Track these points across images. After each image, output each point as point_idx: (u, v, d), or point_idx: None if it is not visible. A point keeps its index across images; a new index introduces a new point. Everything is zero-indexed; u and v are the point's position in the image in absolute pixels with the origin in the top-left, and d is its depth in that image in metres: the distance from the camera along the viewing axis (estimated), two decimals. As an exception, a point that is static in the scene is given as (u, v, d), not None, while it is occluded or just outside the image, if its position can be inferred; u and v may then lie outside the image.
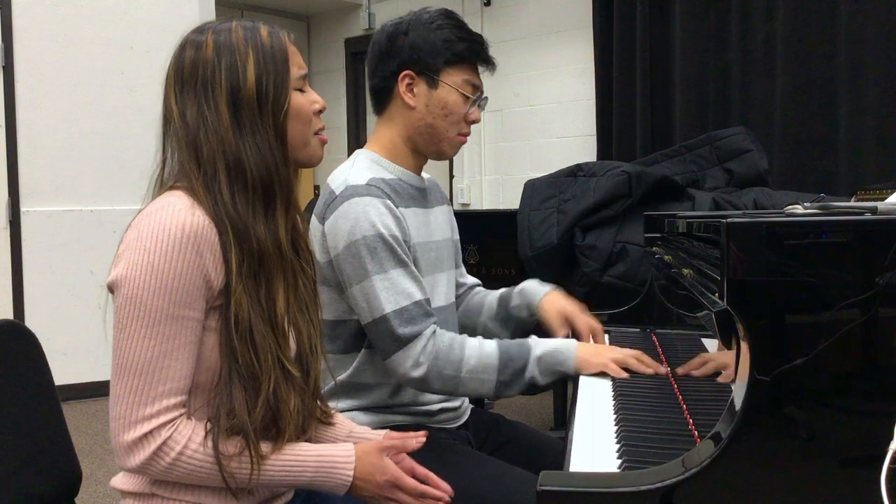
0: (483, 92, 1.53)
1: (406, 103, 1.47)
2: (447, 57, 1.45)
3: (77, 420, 3.70)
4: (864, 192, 2.02)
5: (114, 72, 4.20)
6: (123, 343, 1.00)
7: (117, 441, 1.01)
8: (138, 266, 0.99)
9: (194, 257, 0.99)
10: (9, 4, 3.98)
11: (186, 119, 1.06)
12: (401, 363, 1.34)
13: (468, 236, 3.05)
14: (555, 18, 5.07)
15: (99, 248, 4.14)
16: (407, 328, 1.34)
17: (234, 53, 1.06)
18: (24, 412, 1.23)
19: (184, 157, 1.06)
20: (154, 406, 1.00)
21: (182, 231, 0.99)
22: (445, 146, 1.51)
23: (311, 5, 6.45)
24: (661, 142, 4.32)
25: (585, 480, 0.88)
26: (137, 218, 1.04)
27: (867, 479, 0.77)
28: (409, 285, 1.37)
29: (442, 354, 1.35)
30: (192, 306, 1.00)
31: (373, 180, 1.41)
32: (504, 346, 1.40)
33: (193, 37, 1.09)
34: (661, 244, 1.73)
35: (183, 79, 1.07)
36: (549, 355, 1.40)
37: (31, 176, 4.07)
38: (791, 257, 0.84)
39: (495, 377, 1.37)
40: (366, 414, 1.45)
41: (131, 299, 0.99)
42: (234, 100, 1.05)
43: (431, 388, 1.38)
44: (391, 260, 1.36)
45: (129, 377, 1.00)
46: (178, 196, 1.03)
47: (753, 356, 0.83)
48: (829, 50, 3.76)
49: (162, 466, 1.01)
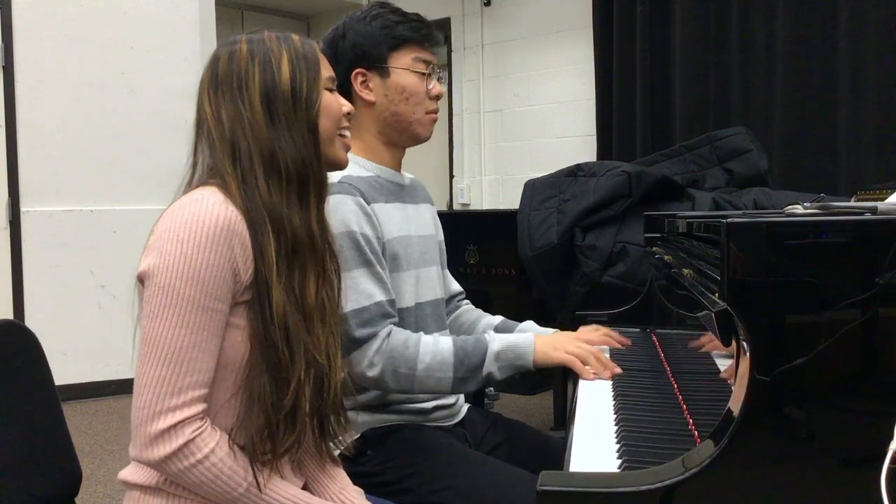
0: (436, 65, 1.54)
1: (366, 100, 1.49)
2: (389, 43, 1.47)
3: (77, 420, 3.70)
4: (864, 192, 2.02)
5: (114, 72, 4.20)
6: (155, 331, 1.00)
7: (141, 431, 1.00)
8: (172, 256, 1.00)
9: (226, 250, 1.01)
10: (9, 4, 3.98)
11: (222, 118, 1.09)
12: (357, 363, 1.35)
13: (468, 236, 3.06)
14: (555, 18, 5.07)
15: (99, 248, 4.15)
16: (364, 329, 1.34)
17: (268, 53, 1.11)
18: (24, 412, 1.23)
19: (218, 155, 1.09)
20: (181, 397, 1.00)
21: (215, 223, 1.01)
22: (417, 128, 1.52)
23: (311, 5, 6.45)
24: (661, 142, 4.32)
25: (585, 480, 0.88)
26: (169, 210, 1.05)
27: (867, 479, 0.77)
28: (370, 286, 1.37)
29: (396, 353, 1.36)
30: (222, 299, 1.02)
31: (346, 178, 1.42)
32: (460, 342, 1.41)
33: (226, 47, 1.14)
34: (661, 244, 1.73)
35: (218, 82, 1.11)
36: (508, 350, 1.40)
37: (31, 176, 4.07)
38: (791, 257, 0.84)
39: (451, 374, 1.38)
40: (361, 413, 1.45)
41: (164, 288, 1.00)
42: (268, 95, 1.09)
43: (388, 388, 1.38)
44: (355, 259, 1.37)
45: (159, 365, 1.00)
46: (210, 191, 1.05)
47: (753, 356, 0.83)
48: (829, 50, 3.76)
49: (182, 467, 1.00)
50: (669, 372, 1.41)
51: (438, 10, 5.37)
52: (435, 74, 1.53)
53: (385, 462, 1.40)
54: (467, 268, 2.97)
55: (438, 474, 1.36)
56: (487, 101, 5.47)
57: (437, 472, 1.37)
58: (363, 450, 1.42)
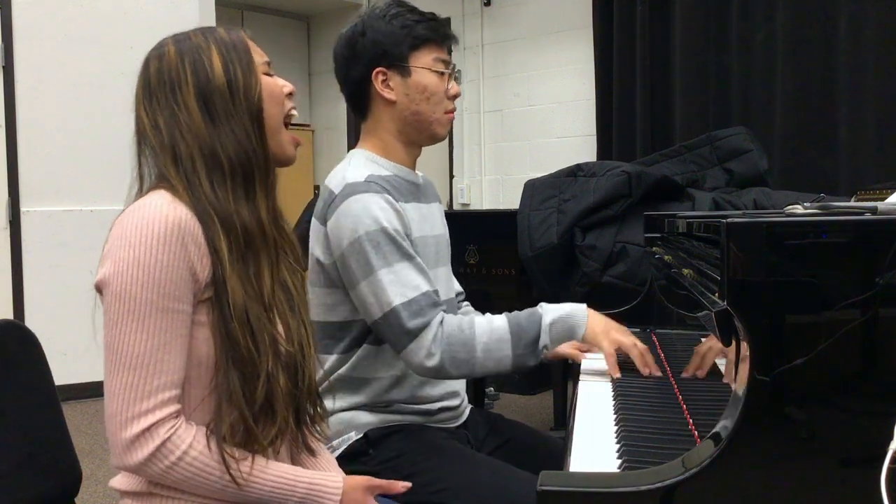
0: (454, 64, 1.54)
1: (387, 99, 1.48)
2: (411, 42, 1.47)
3: (77, 420, 3.70)
4: (864, 192, 2.02)
5: (114, 72, 4.19)
6: (116, 339, 1.00)
7: (116, 439, 1.01)
8: (124, 262, 1.00)
9: (179, 249, 1.01)
10: (9, 4, 3.98)
11: (158, 125, 1.08)
12: (415, 354, 1.34)
13: (468, 236, 3.06)
14: (555, 18, 5.07)
15: (99, 248, 4.09)
16: (416, 320, 1.33)
17: (197, 51, 1.09)
18: (24, 412, 1.23)
19: (160, 162, 1.08)
20: (151, 400, 1.00)
21: (165, 224, 1.00)
22: (436, 127, 1.52)
23: (311, 5, 6.45)
24: (661, 142, 4.32)
25: (585, 480, 0.88)
26: (120, 217, 1.05)
27: (867, 479, 0.77)
28: (416, 277, 1.37)
29: (453, 339, 1.34)
30: (181, 299, 1.01)
31: (371, 177, 1.42)
32: (514, 318, 1.39)
33: (154, 51, 1.12)
34: (661, 244, 1.72)
35: (151, 90, 1.10)
36: (561, 321, 1.40)
37: (31, 176, 4.07)
38: (791, 257, 0.84)
39: (510, 351, 1.36)
40: (365, 413, 1.45)
41: (120, 295, 1.00)
42: (203, 94, 1.08)
43: (449, 375, 1.37)
44: (396, 253, 1.36)
45: (124, 373, 1.00)
46: (158, 194, 1.05)
47: (753, 356, 0.83)
48: (829, 50, 3.76)
49: (162, 467, 1.01)
50: (669, 372, 1.41)
51: (438, 10, 5.30)
52: (453, 74, 1.53)
53: (386, 462, 1.40)
54: (467, 268, 2.97)
55: (439, 475, 1.36)
56: (487, 101, 5.47)
57: (439, 472, 1.37)
58: (365, 449, 1.42)
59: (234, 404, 1.03)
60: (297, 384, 1.12)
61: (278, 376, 1.07)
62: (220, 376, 1.04)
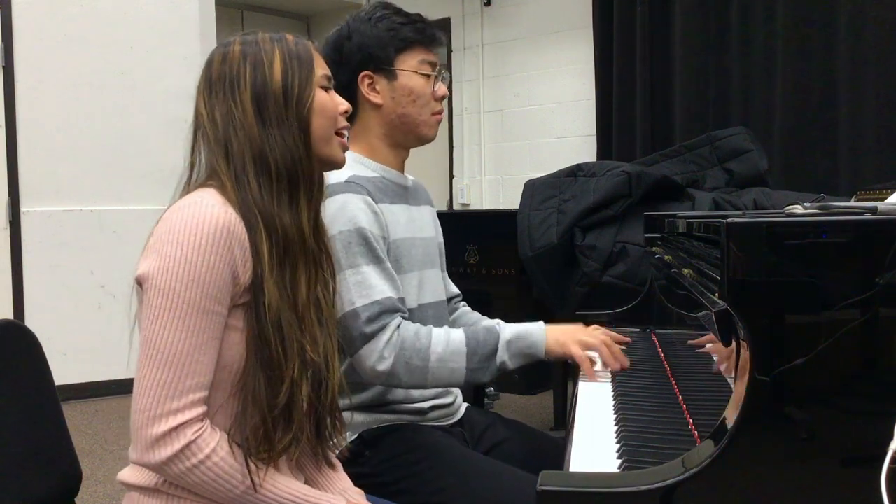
0: (440, 65, 1.54)
1: (373, 103, 1.49)
2: (396, 45, 1.47)
3: (77, 420, 3.70)
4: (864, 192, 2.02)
5: (114, 72, 4.20)
6: (155, 334, 1.00)
7: (141, 434, 1.00)
8: (172, 259, 1.00)
9: (226, 252, 1.01)
10: (9, 4, 3.98)
11: (215, 119, 1.10)
12: (367, 358, 1.34)
13: (468, 236, 3.06)
14: (555, 18, 5.07)
15: (99, 248, 4.15)
16: (372, 325, 1.34)
17: (260, 52, 1.11)
18: (24, 412, 1.23)
19: (213, 155, 1.10)
20: (182, 400, 1.00)
21: (215, 226, 1.01)
22: (423, 129, 1.52)
23: (311, 5, 6.45)
24: (661, 142, 4.32)
25: (585, 480, 0.88)
26: (168, 212, 1.05)
27: (867, 479, 0.77)
28: (381, 282, 1.37)
29: (408, 345, 1.34)
30: (221, 301, 1.02)
31: (353, 177, 1.42)
32: (471, 332, 1.40)
33: (220, 48, 1.14)
34: (661, 244, 1.73)
35: (211, 83, 1.12)
36: (519, 339, 1.40)
37: (31, 176, 4.07)
38: (791, 257, 0.84)
39: (465, 364, 1.37)
40: (359, 414, 1.45)
41: (165, 291, 1.00)
42: (258, 95, 1.10)
43: (400, 382, 1.37)
44: (366, 255, 1.37)
45: (159, 369, 1.00)
46: (210, 193, 1.05)
47: (753, 356, 0.83)
48: (829, 50, 3.76)
49: (183, 468, 1.00)
50: (669, 372, 1.41)
51: (438, 10, 5.36)
52: (440, 76, 1.53)
53: (383, 463, 1.40)
54: (467, 268, 2.97)
55: (437, 475, 1.36)
56: (487, 101, 5.47)
57: (436, 472, 1.37)
58: (361, 451, 1.42)
59: (256, 406, 1.03)
60: (320, 396, 1.12)
61: (302, 384, 1.07)
62: (248, 377, 1.04)
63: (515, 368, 1.43)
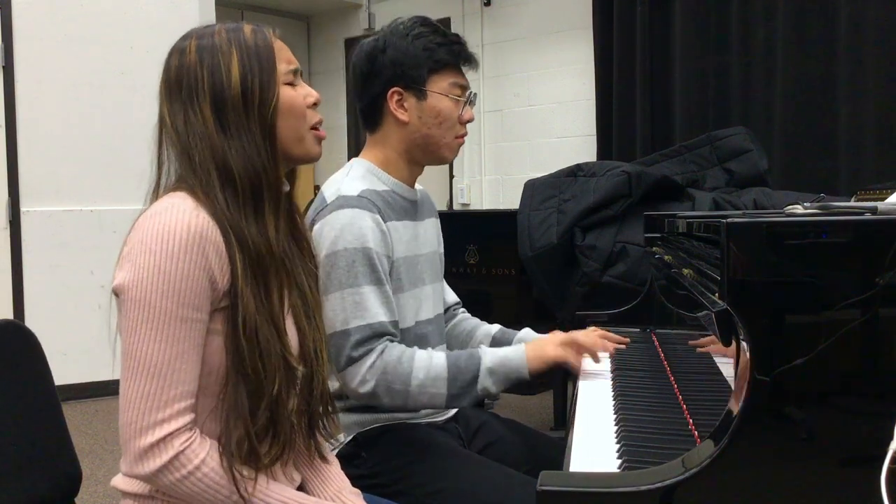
0: (471, 89, 1.52)
1: (399, 119, 1.46)
2: (430, 66, 1.45)
3: (77, 420, 3.70)
4: (864, 192, 2.02)
5: (114, 72, 4.20)
6: (134, 347, 0.99)
7: (130, 447, 0.99)
8: (145, 268, 0.98)
9: (200, 258, 0.99)
10: (9, 4, 3.98)
11: (177, 128, 1.07)
12: (351, 379, 1.34)
13: (468, 236, 3.06)
14: (555, 18, 5.07)
15: (99, 248, 4.14)
16: (360, 348, 1.34)
17: (217, 55, 1.06)
18: (24, 412, 1.23)
19: (179, 164, 1.07)
20: (167, 410, 0.99)
21: (187, 232, 0.99)
22: (445, 152, 1.51)
23: (311, 5, 6.45)
24: (661, 142, 4.32)
25: (585, 480, 0.88)
26: (140, 219, 1.03)
27: (867, 479, 0.77)
28: (377, 305, 1.36)
29: (390, 369, 1.34)
30: (200, 308, 1.00)
31: (365, 192, 1.41)
32: (453, 358, 1.39)
33: (178, 44, 1.10)
34: (661, 244, 1.73)
35: (170, 87, 1.08)
36: (500, 365, 1.40)
37: (31, 176, 4.07)
38: (791, 257, 0.84)
39: (445, 391, 1.37)
40: (352, 413, 1.45)
41: (139, 302, 0.99)
42: (217, 102, 1.05)
43: (381, 403, 1.37)
44: (367, 276, 1.36)
45: (142, 381, 0.99)
46: (181, 197, 1.03)
47: (753, 356, 0.83)
48: (829, 50, 3.76)
49: (173, 479, 1.00)
50: (669, 372, 1.41)
51: (438, 10, 5.37)
52: (468, 100, 1.51)
53: (379, 464, 1.40)
54: (467, 268, 2.97)
55: (433, 475, 1.36)
56: (487, 101, 5.47)
57: (432, 473, 1.37)
58: (357, 453, 1.42)
59: (239, 418, 1.02)
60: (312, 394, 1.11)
61: (288, 400, 1.06)
62: (230, 387, 1.03)
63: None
